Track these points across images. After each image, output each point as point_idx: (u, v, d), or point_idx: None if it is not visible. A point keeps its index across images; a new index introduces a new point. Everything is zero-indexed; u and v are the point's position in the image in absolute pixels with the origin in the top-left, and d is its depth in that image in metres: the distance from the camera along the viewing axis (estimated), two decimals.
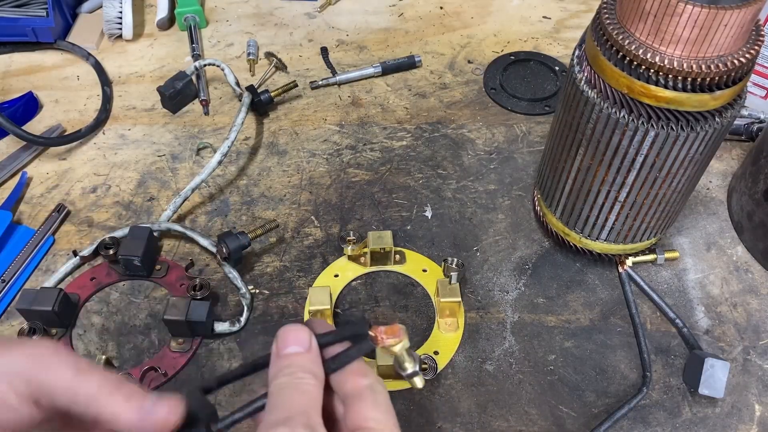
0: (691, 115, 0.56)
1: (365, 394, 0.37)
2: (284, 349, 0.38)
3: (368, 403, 0.37)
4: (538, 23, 1.07)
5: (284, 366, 0.37)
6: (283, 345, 0.38)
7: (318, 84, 0.96)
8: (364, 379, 0.38)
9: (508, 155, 0.87)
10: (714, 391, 0.63)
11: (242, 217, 0.81)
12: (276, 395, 0.36)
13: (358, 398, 0.37)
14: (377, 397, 0.37)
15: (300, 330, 0.38)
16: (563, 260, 0.77)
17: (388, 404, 0.37)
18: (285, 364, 0.37)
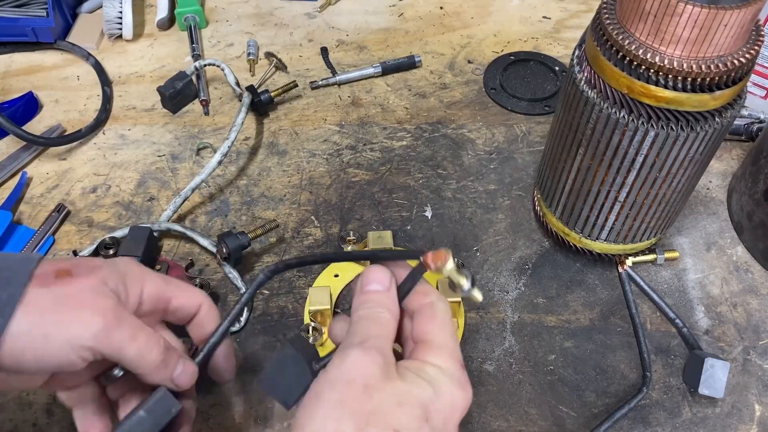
0: (691, 115, 0.56)
1: (426, 310, 0.44)
2: (367, 286, 0.44)
3: (428, 317, 0.44)
4: (538, 23, 1.07)
5: (366, 300, 0.44)
6: (366, 282, 0.45)
7: (318, 84, 0.96)
8: (426, 297, 0.45)
9: (508, 155, 0.87)
10: (714, 391, 0.63)
11: (242, 217, 0.81)
12: (356, 324, 0.43)
13: (421, 314, 0.44)
14: (436, 312, 0.44)
15: (382, 271, 0.45)
16: (563, 260, 0.77)
17: (445, 318, 0.44)
18: (366, 299, 0.44)
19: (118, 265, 0.47)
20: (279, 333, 0.70)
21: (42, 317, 0.41)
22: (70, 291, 0.42)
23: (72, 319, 0.42)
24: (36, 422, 0.64)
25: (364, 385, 0.39)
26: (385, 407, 0.39)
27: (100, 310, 0.42)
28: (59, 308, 0.41)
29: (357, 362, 0.40)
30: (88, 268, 0.44)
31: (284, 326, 0.71)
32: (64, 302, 0.42)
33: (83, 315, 0.42)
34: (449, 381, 0.41)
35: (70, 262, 0.45)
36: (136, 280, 0.47)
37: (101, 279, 0.44)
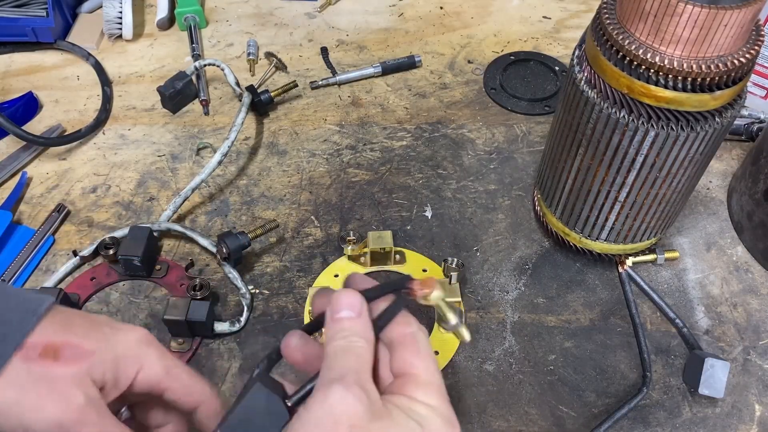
0: (691, 115, 0.56)
1: (408, 341, 0.41)
2: (338, 313, 0.41)
3: (411, 349, 0.40)
4: (538, 23, 1.07)
5: (338, 330, 0.40)
6: (337, 308, 0.41)
7: (318, 84, 0.96)
8: (408, 327, 0.41)
9: (508, 155, 0.87)
10: (714, 391, 0.63)
11: (242, 217, 0.81)
12: (332, 357, 0.39)
13: (403, 345, 0.40)
14: (419, 344, 0.41)
15: (352, 295, 0.41)
16: (563, 260, 0.77)
17: (428, 351, 0.41)
18: (339, 328, 0.40)
19: (117, 348, 0.44)
20: (279, 333, 0.70)
21: (18, 392, 0.40)
22: (46, 375, 0.41)
23: (37, 406, 0.40)
24: None
25: (350, 426, 0.36)
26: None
27: (63, 406, 0.40)
28: (33, 390, 0.40)
29: (341, 401, 0.36)
30: (77, 354, 0.42)
31: (284, 326, 0.71)
32: (37, 385, 0.40)
33: (49, 404, 0.40)
34: (441, 421, 0.38)
35: (65, 337, 0.42)
36: (131, 367, 0.44)
37: (86, 369, 0.42)
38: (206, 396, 0.47)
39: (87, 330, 0.43)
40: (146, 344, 0.45)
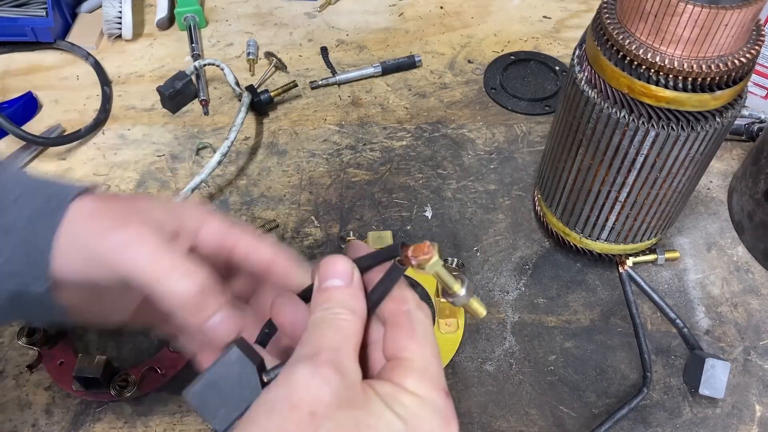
0: (692, 115, 0.56)
1: (402, 320, 0.35)
2: (325, 281, 0.36)
3: (404, 331, 0.35)
4: (538, 23, 1.07)
5: (323, 300, 0.35)
6: (324, 276, 0.36)
7: (318, 84, 0.96)
8: (403, 304, 0.36)
9: (508, 155, 0.87)
10: (714, 391, 0.63)
11: (242, 217, 0.81)
12: (309, 330, 0.34)
13: (397, 326, 0.36)
14: (416, 324, 0.35)
15: (342, 262, 0.36)
16: (563, 260, 0.77)
17: (427, 333, 0.35)
18: (323, 299, 0.35)
19: (176, 206, 0.43)
20: None
21: (89, 224, 0.39)
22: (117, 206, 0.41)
23: (118, 228, 0.39)
24: (36, 422, 0.64)
25: (310, 412, 0.31)
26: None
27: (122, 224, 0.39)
28: (105, 218, 0.40)
29: (304, 382, 0.31)
30: (130, 199, 0.42)
31: None
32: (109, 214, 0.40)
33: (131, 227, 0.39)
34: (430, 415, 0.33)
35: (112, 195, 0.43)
36: (192, 221, 0.42)
37: (150, 216, 0.41)
38: (276, 252, 0.42)
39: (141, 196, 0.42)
40: (205, 209, 0.43)
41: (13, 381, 0.67)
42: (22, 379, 0.67)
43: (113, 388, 0.63)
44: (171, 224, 0.41)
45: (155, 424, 0.64)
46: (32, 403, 0.65)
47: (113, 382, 0.63)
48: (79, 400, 0.65)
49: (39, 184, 0.42)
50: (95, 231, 0.39)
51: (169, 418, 0.64)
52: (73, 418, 0.64)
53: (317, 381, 0.31)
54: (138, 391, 0.64)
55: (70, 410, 0.65)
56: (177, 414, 0.65)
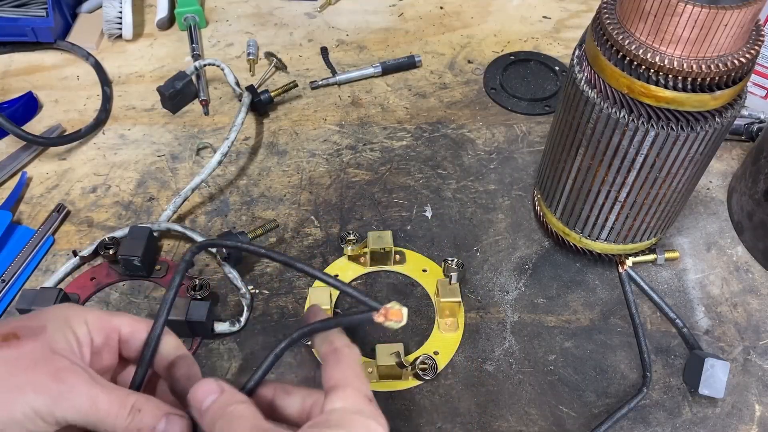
0: (691, 115, 0.56)
1: (330, 357, 0.42)
2: (204, 403, 0.41)
3: (332, 364, 0.42)
4: (538, 23, 1.07)
5: (214, 414, 0.40)
6: (201, 400, 0.41)
7: (318, 84, 0.96)
8: (330, 345, 0.43)
9: (508, 155, 0.87)
10: (714, 391, 0.63)
11: (242, 217, 0.81)
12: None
13: (326, 363, 0.42)
14: (340, 357, 0.42)
15: (205, 384, 0.41)
16: (563, 260, 0.77)
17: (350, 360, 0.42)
18: (213, 413, 0.40)
19: (57, 313, 0.43)
20: (279, 333, 0.70)
21: None
22: (17, 355, 0.39)
23: (23, 387, 0.38)
24: None
25: None
26: None
27: (54, 374, 0.39)
28: (8, 376, 0.38)
29: None
30: (33, 330, 0.41)
31: (284, 326, 0.71)
32: (13, 369, 0.39)
33: (36, 380, 0.39)
34: (358, 416, 0.39)
35: (12, 325, 0.41)
36: (79, 322, 0.43)
37: (49, 338, 0.41)
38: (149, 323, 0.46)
39: (28, 319, 0.42)
40: (76, 306, 0.45)
41: None
42: None
43: None
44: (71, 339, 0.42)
45: None
46: None
47: None
48: None
49: None
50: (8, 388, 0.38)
51: None
52: None
53: None
54: None
55: None
56: None
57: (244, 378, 0.64)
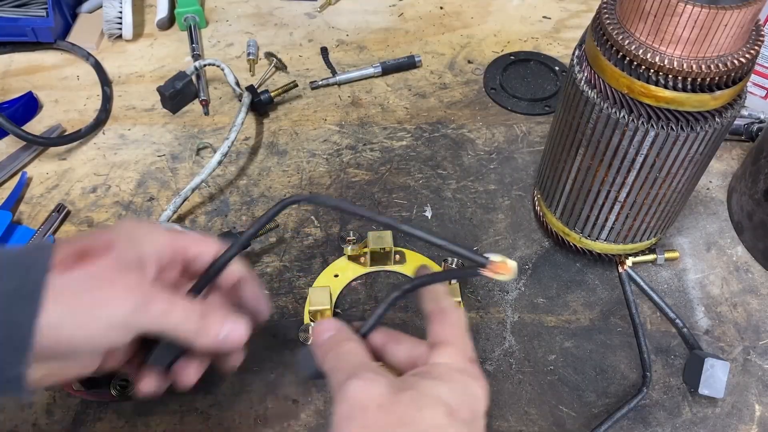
0: (691, 115, 0.56)
1: (436, 315, 0.47)
2: (321, 337, 0.46)
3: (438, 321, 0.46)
4: (538, 23, 1.07)
5: (328, 348, 0.45)
6: (319, 335, 0.46)
7: (318, 84, 0.96)
8: (437, 303, 0.47)
9: (508, 155, 0.87)
10: (714, 391, 0.63)
11: (242, 217, 0.81)
12: (334, 367, 0.44)
13: (431, 320, 0.46)
14: (445, 315, 0.46)
15: (324, 323, 0.47)
16: (563, 260, 0.77)
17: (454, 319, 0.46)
18: (328, 347, 0.45)
19: (125, 230, 0.46)
20: (279, 333, 0.70)
21: (73, 303, 0.40)
22: (95, 272, 0.41)
23: (105, 300, 0.41)
24: (36, 422, 0.64)
25: (377, 405, 0.39)
26: (408, 417, 0.39)
27: (131, 287, 0.42)
28: (89, 291, 0.41)
29: (360, 389, 0.40)
30: (103, 247, 0.43)
31: (284, 326, 0.71)
32: (93, 284, 0.41)
33: (116, 294, 0.41)
34: (459, 374, 0.42)
35: (83, 242, 0.43)
36: (147, 240, 0.46)
37: (119, 255, 0.43)
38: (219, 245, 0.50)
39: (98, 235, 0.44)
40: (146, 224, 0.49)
41: None
42: None
43: (113, 388, 0.63)
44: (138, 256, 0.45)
45: (155, 424, 0.64)
46: (32, 403, 0.65)
47: (113, 382, 0.63)
48: (79, 400, 0.65)
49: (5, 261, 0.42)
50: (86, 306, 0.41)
51: (170, 417, 0.64)
52: (73, 418, 0.64)
53: (368, 385, 0.41)
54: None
55: (70, 410, 0.65)
56: (177, 414, 0.65)
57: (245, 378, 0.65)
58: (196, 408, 0.65)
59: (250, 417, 0.65)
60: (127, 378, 0.64)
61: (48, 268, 0.40)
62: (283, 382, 0.67)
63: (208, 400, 0.65)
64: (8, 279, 0.40)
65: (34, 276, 0.40)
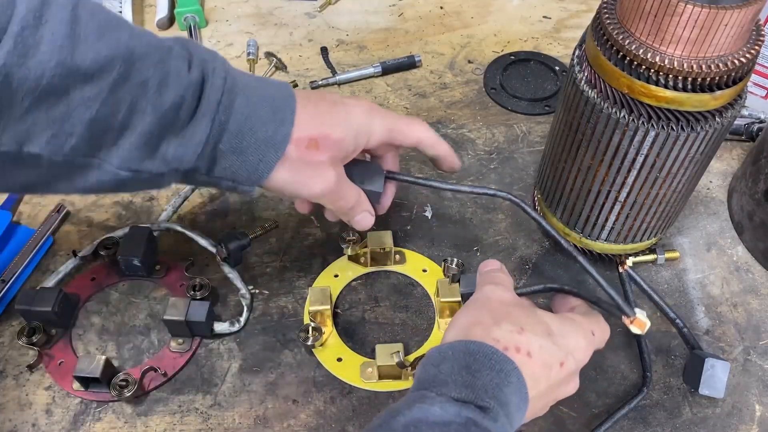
0: (692, 115, 0.56)
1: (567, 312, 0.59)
2: (485, 268, 0.61)
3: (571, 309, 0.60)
4: (538, 23, 1.07)
5: (487, 272, 0.60)
6: (485, 266, 0.61)
7: (318, 84, 0.96)
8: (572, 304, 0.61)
9: (508, 155, 0.87)
10: (714, 391, 0.63)
11: (242, 217, 0.81)
12: (482, 281, 0.59)
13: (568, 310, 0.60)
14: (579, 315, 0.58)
15: (495, 262, 0.61)
16: (563, 260, 0.77)
17: (587, 320, 0.57)
18: (487, 272, 0.60)
19: (354, 126, 0.57)
20: (279, 333, 0.70)
21: (293, 174, 0.55)
22: (313, 161, 0.55)
23: (309, 182, 0.56)
24: (36, 422, 0.64)
25: (499, 301, 0.55)
26: (515, 315, 0.53)
27: (328, 181, 0.56)
28: (303, 172, 0.55)
29: (492, 289, 0.56)
30: (330, 143, 0.55)
31: (284, 326, 0.71)
32: (308, 168, 0.55)
33: (317, 182, 0.56)
34: (574, 328, 0.54)
35: (320, 130, 0.55)
36: (364, 137, 0.59)
37: (337, 152, 0.56)
38: (423, 133, 0.63)
39: (332, 117, 0.56)
40: (372, 113, 0.59)
41: (13, 381, 0.67)
42: (22, 379, 0.67)
43: (113, 388, 0.63)
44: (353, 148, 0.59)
45: (155, 424, 0.64)
46: (32, 403, 0.65)
47: (113, 382, 0.63)
48: (79, 400, 0.65)
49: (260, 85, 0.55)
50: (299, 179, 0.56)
51: (170, 417, 0.64)
52: (73, 418, 0.64)
53: (500, 289, 0.57)
54: (138, 391, 0.64)
55: (70, 410, 0.65)
56: (177, 414, 0.65)
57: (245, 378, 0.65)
58: (196, 408, 0.65)
59: (250, 417, 0.65)
60: (127, 378, 0.64)
61: (287, 141, 0.53)
62: (283, 382, 0.67)
63: (208, 400, 0.65)
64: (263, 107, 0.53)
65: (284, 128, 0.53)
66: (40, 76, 0.41)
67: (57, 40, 0.42)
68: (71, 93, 0.43)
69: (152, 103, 0.47)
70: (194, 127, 0.49)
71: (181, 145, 0.49)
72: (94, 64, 0.44)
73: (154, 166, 0.49)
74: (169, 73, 0.48)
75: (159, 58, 0.48)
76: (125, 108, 0.46)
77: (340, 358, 0.68)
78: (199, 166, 0.51)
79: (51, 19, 0.42)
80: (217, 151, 0.51)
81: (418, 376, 0.50)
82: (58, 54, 0.42)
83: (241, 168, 0.53)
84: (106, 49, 0.44)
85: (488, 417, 0.45)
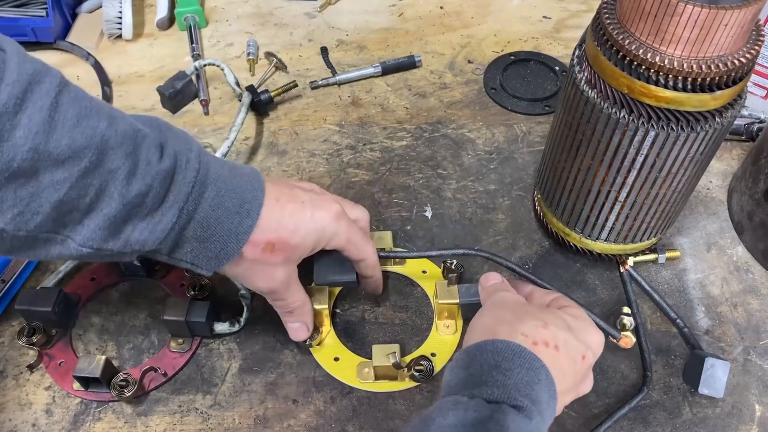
0: (692, 115, 0.56)
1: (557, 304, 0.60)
2: (487, 283, 0.63)
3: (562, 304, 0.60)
4: (538, 23, 1.07)
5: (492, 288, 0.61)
6: (485, 281, 0.63)
7: (318, 84, 0.96)
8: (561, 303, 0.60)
9: (508, 155, 0.87)
10: (714, 391, 0.63)
11: None
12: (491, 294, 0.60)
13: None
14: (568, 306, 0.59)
15: (495, 275, 0.63)
16: (563, 260, 0.77)
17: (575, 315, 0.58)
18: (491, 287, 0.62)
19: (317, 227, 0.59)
20: (279, 333, 0.70)
21: (244, 269, 0.57)
22: (265, 262, 0.57)
23: (256, 279, 0.59)
24: (36, 422, 0.64)
25: (516, 302, 0.58)
26: (534, 312, 0.55)
27: (274, 281, 0.59)
28: (253, 268, 0.57)
29: (506, 294, 0.59)
30: (286, 248, 0.57)
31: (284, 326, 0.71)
32: (258, 266, 0.57)
33: (263, 279, 0.59)
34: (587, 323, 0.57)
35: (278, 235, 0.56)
36: (325, 240, 0.60)
37: (293, 253, 0.58)
38: (370, 255, 0.64)
39: (295, 221, 0.57)
40: (338, 221, 0.60)
41: (13, 381, 0.67)
42: (22, 379, 0.67)
43: (113, 388, 0.63)
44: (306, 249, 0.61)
45: (155, 424, 0.64)
46: (32, 403, 0.65)
47: (113, 382, 0.63)
48: (79, 400, 0.65)
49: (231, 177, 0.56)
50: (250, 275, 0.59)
51: (169, 417, 0.64)
52: (73, 418, 0.64)
53: (511, 294, 0.59)
54: (138, 391, 0.64)
55: (70, 410, 0.65)
56: (177, 414, 0.65)
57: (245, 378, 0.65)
58: (196, 408, 0.65)
59: (250, 417, 0.65)
60: (127, 378, 0.64)
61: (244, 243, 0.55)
62: (283, 382, 0.67)
63: (208, 400, 0.65)
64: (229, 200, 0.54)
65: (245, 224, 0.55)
66: (12, 159, 0.42)
67: (33, 126, 0.42)
68: (41, 176, 0.44)
69: (119, 191, 0.48)
70: (161, 215, 0.51)
71: (146, 230, 0.51)
72: (67, 150, 0.44)
73: (116, 246, 0.50)
74: (139, 162, 0.49)
75: (132, 148, 0.49)
76: (93, 192, 0.47)
77: (337, 358, 0.68)
78: (161, 248, 0.53)
79: (31, 106, 0.43)
80: (181, 238, 0.53)
81: (447, 380, 0.51)
82: (33, 140, 0.42)
83: (201, 254, 0.54)
84: (81, 138, 0.45)
85: (522, 416, 0.45)
